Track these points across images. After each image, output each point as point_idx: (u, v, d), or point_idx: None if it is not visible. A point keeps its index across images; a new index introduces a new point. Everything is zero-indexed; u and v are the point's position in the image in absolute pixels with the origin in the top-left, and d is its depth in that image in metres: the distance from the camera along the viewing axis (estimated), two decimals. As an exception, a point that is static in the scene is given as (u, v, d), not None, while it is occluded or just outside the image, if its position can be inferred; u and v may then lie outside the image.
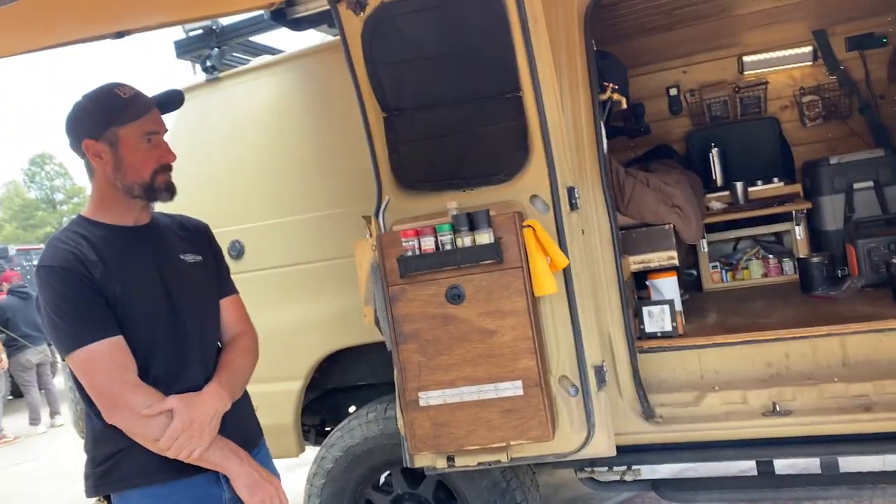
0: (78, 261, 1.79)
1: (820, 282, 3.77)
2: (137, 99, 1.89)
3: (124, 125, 1.85)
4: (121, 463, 1.82)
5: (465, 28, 2.64)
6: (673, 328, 3.16)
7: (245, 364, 2.06)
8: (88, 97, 1.91)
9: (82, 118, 1.89)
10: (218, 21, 3.61)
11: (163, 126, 1.95)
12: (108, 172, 1.88)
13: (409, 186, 2.80)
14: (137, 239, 1.93)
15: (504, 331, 2.56)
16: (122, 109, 1.85)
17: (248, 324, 2.16)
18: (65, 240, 1.83)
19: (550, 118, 2.65)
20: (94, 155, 1.87)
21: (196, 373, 1.93)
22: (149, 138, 1.89)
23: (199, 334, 1.98)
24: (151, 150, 1.89)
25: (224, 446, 1.86)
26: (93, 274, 1.79)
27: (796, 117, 5.08)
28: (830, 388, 2.84)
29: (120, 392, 1.76)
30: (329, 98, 3.38)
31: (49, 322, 1.80)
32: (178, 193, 1.96)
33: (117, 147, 1.86)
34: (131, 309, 1.83)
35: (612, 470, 3.08)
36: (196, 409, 1.81)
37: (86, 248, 1.81)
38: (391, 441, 3.17)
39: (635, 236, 3.44)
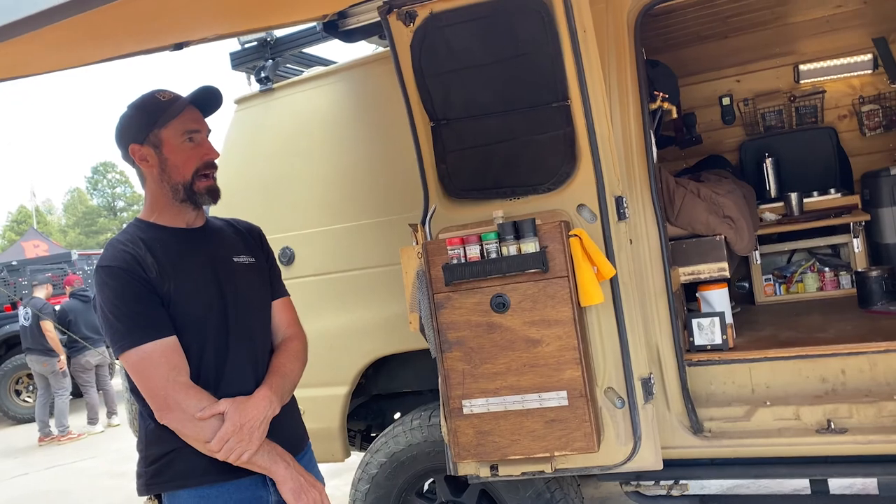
0: (135, 261, 1.83)
1: (879, 296, 3.65)
2: (175, 100, 1.94)
3: (165, 125, 1.90)
4: (172, 463, 1.86)
5: (513, 38, 2.65)
6: (723, 341, 3.09)
7: (295, 369, 2.09)
8: (131, 105, 1.97)
9: (127, 126, 1.95)
10: (272, 33, 3.70)
11: (204, 125, 1.99)
12: (156, 175, 1.93)
13: (455, 195, 2.82)
14: (192, 241, 1.98)
15: (549, 340, 2.55)
16: (162, 111, 1.90)
17: (298, 327, 2.19)
18: (123, 241, 1.89)
19: (598, 127, 2.64)
20: (141, 159, 1.93)
21: (247, 375, 1.97)
22: (190, 137, 1.93)
23: (251, 336, 2.01)
24: (194, 149, 1.94)
25: (272, 450, 1.89)
26: (149, 275, 1.83)
27: (855, 127, 4.94)
28: (890, 405, 2.74)
29: (173, 394, 1.80)
30: (378, 108, 3.43)
31: (105, 321, 1.85)
32: (234, 199, 2.00)
33: (161, 148, 1.91)
34: (185, 309, 1.87)
35: (658, 484, 3.02)
36: (247, 413, 1.84)
37: (142, 250, 1.86)
38: (435, 448, 3.19)
39: (685, 247, 3.38)
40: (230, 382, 1.92)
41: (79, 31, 1.90)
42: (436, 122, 2.80)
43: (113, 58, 2.44)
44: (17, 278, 12.39)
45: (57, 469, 7.99)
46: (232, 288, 1.98)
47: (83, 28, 1.88)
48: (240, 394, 1.89)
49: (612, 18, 2.92)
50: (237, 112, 3.82)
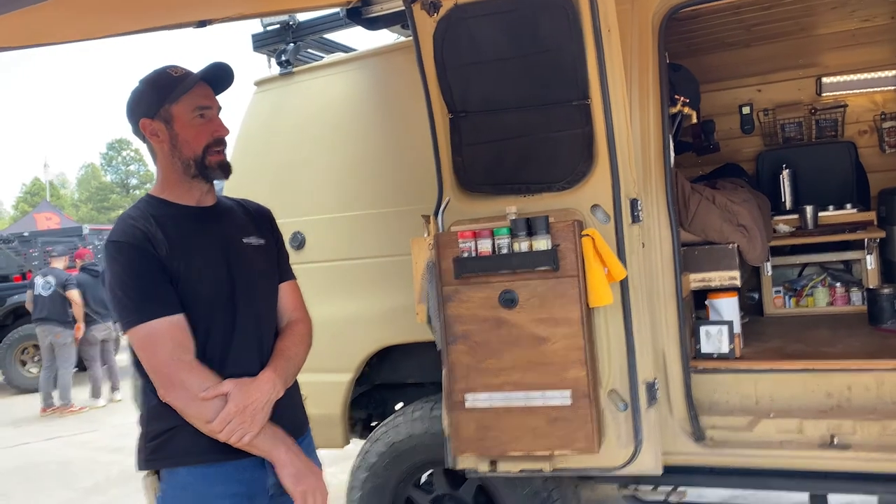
0: (145, 238, 1.83)
1: (890, 315, 3.62)
2: (188, 76, 1.94)
3: (176, 101, 1.90)
4: (173, 440, 1.86)
5: (536, 34, 2.63)
6: (730, 350, 3.08)
7: (300, 352, 2.09)
8: (143, 80, 1.96)
9: (139, 100, 1.94)
10: (295, 16, 3.69)
11: (215, 102, 1.98)
12: (167, 150, 1.93)
13: (469, 188, 2.81)
14: (203, 219, 1.98)
15: (556, 339, 2.54)
16: (174, 87, 1.90)
17: (304, 311, 2.19)
18: (134, 217, 1.88)
19: (618, 128, 2.62)
20: (152, 134, 1.92)
21: (252, 356, 1.96)
22: (201, 113, 1.93)
23: (257, 318, 2.01)
24: (205, 125, 1.93)
25: (273, 434, 1.89)
26: (159, 252, 1.83)
27: (875, 143, 4.89)
28: (894, 424, 2.72)
29: (177, 372, 1.80)
30: (397, 98, 3.43)
31: (113, 296, 1.85)
32: (248, 181, 2.00)
33: (172, 124, 1.91)
34: (193, 288, 1.87)
35: (656, 489, 3.02)
36: (250, 395, 1.84)
37: (153, 226, 1.85)
38: (435, 441, 3.18)
39: (697, 253, 3.37)
40: (235, 363, 1.92)
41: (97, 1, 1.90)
42: (454, 114, 2.79)
43: (134, 31, 2.45)
44: (29, 249, 12.48)
45: (57, 440, 8.05)
46: (240, 268, 1.98)
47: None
48: (244, 375, 1.89)
49: (636, 19, 2.90)
50: (256, 94, 3.82)
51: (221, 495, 1.87)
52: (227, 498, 1.88)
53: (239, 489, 1.89)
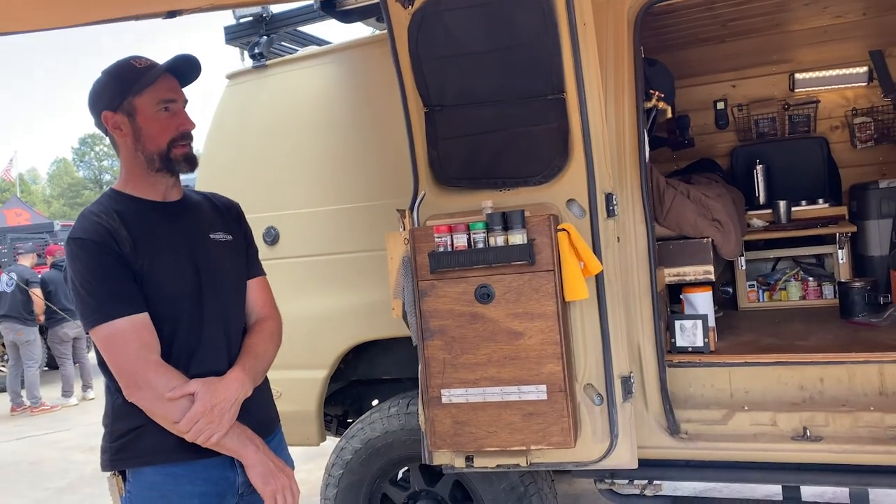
0: (108, 234, 1.78)
1: (861, 308, 3.67)
2: (152, 68, 1.88)
3: (140, 93, 1.84)
4: (138, 439, 1.82)
5: (512, 27, 2.62)
6: (704, 344, 3.10)
7: (269, 350, 2.06)
8: (106, 71, 1.90)
9: (101, 92, 1.88)
10: (268, 9, 3.64)
11: (181, 94, 1.93)
12: (129, 144, 1.88)
13: (445, 182, 2.79)
14: (168, 215, 1.93)
15: (531, 333, 2.54)
16: (137, 79, 1.84)
17: (273, 308, 2.15)
18: (97, 212, 1.83)
19: (593, 122, 2.62)
20: (114, 127, 1.87)
21: (219, 354, 1.93)
22: (166, 107, 1.87)
23: (225, 315, 1.97)
24: (170, 119, 1.88)
25: (242, 433, 1.86)
26: (122, 249, 1.78)
27: (846, 138, 4.96)
28: (865, 416, 2.76)
29: (143, 371, 1.76)
30: (372, 91, 3.40)
31: (76, 294, 1.80)
32: (220, 174, 1.95)
33: (135, 117, 1.85)
34: (158, 285, 1.83)
35: (632, 483, 3.03)
36: (218, 395, 1.81)
37: (116, 223, 1.80)
38: (411, 437, 3.17)
39: (672, 248, 3.38)
40: (202, 361, 1.88)
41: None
42: (429, 107, 2.77)
43: (103, 20, 2.39)
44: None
45: (28, 440, 7.91)
46: (207, 265, 1.94)
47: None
48: (212, 373, 1.86)
49: (612, 14, 2.90)
50: (228, 87, 3.76)
51: (189, 495, 1.84)
52: (196, 497, 1.84)
53: (207, 488, 1.86)
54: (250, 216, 2.24)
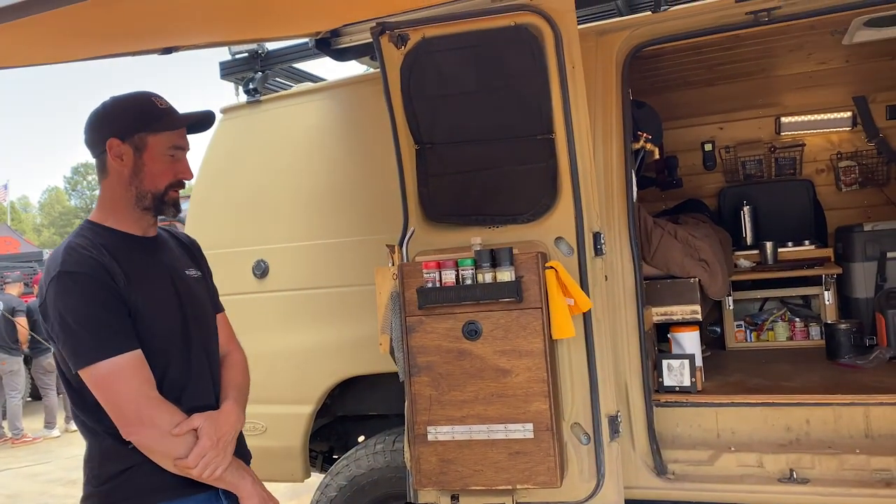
0: (102, 269, 1.76)
1: (847, 349, 3.68)
2: (172, 112, 1.90)
3: (156, 133, 1.85)
4: (130, 481, 1.79)
5: (502, 69, 2.67)
6: (692, 384, 3.10)
7: (246, 382, 2.08)
8: (123, 98, 1.91)
9: (113, 117, 1.87)
10: (264, 45, 3.70)
11: (188, 144, 1.96)
12: (125, 176, 1.86)
13: (435, 219, 2.81)
14: (150, 251, 1.92)
15: (518, 371, 2.54)
16: (158, 118, 1.86)
17: (236, 341, 2.17)
18: (85, 246, 1.79)
19: (581, 162, 2.66)
20: (116, 155, 1.85)
21: (207, 388, 1.93)
22: (173, 153, 1.89)
23: (208, 348, 1.98)
24: (173, 164, 1.89)
25: (239, 466, 1.86)
26: (117, 283, 1.76)
27: (832, 181, 5.04)
28: (851, 459, 2.76)
29: (146, 409, 1.73)
30: (364, 128, 3.44)
31: (65, 330, 1.72)
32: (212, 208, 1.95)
33: (142, 153, 1.85)
34: (150, 322, 1.81)
35: (619, 524, 3.00)
36: (221, 428, 1.81)
37: (106, 257, 1.78)
38: (397, 474, 3.14)
39: (659, 287, 3.40)
40: (192, 396, 1.87)
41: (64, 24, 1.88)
42: (420, 145, 2.81)
43: (99, 56, 2.42)
44: (-15, 274, 12.15)
45: (8, 472, 7.77)
46: (189, 300, 1.94)
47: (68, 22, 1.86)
48: (203, 407, 1.85)
49: (601, 57, 2.97)
50: (223, 121, 3.80)
51: None
52: None
53: None
54: (240, 249, 2.26)
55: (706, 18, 2.89)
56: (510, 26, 2.62)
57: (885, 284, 4.02)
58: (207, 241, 3.60)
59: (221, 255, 3.55)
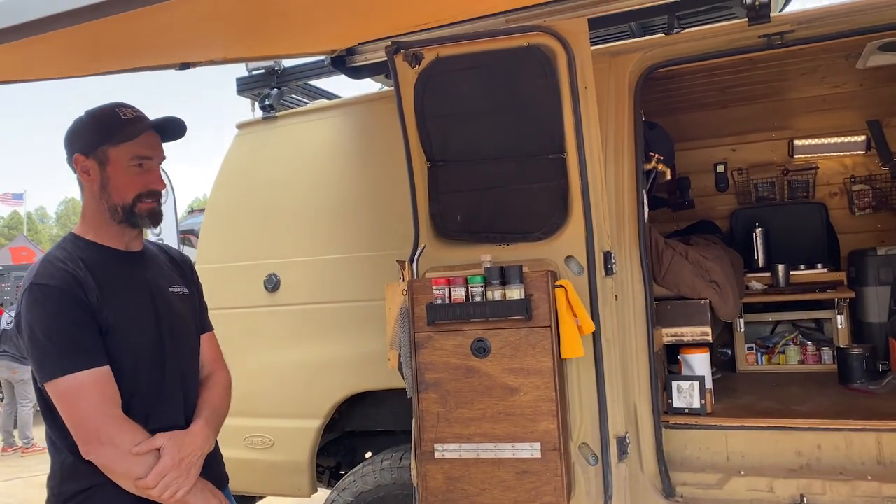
0: (75, 282, 1.73)
1: (859, 374, 3.65)
2: (136, 121, 1.86)
3: (116, 145, 1.83)
4: (90, 500, 1.76)
5: (515, 88, 2.69)
6: (701, 406, 3.08)
7: (224, 404, 2.04)
8: (89, 113, 1.89)
9: (78, 133, 1.87)
10: (280, 62, 3.75)
11: (159, 152, 1.91)
12: (95, 191, 1.85)
13: (445, 236, 2.83)
14: (131, 265, 1.90)
15: (527, 390, 2.53)
16: (118, 129, 1.83)
17: (222, 362, 2.14)
18: (62, 259, 1.78)
19: (592, 182, 2.66)
20: (83, 171, 1.85)
21: (177, 409, 1.90)
22: (140, 163, 1.86)
23: (184, 370, 1.95)
24: (140, 175, 1.86)
25: (204, 487, 1.82)
26: (89, 298, 1.73)
27: (845, 205, 5.01)
28: (863, 485, 2.72)
29: (106, 427, 1.69)
30: (377, 145, 3.47)
31: (32, 342, 1.72)
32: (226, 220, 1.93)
33: (106, 166, 1.84)
34: (122, 338, 1.78)
35: (626, 547, 2.97)
36: (185, 448, 1.77)
37: (82, 271, 1.76)
38: (403, 491, 3.13)
39: (670, 308, 3.39)
40: (161, 416, 1.84)
41: (83, 40, 1.92)
42: (433, 162, 2.83)
43: (118, 71, 2.47)
44: (2, 284, 12.29)
45: (17, 481, 7.79)
46: (168, 318, 1.91)
47: (87, 37, 1.89)
48: (170, 427, 1.82)
49: (614, 78, 2.98)
50: (238, 136, 3.84)
51: None
52: None
53: None
54: (253, 262, 2.27)
55: (719, 41, 2.91)
56: (523, 47, 2.65)
57: (898, 309, 3.99)
58: (221, 254, 3.67)
59: (234, 268, 3.59)
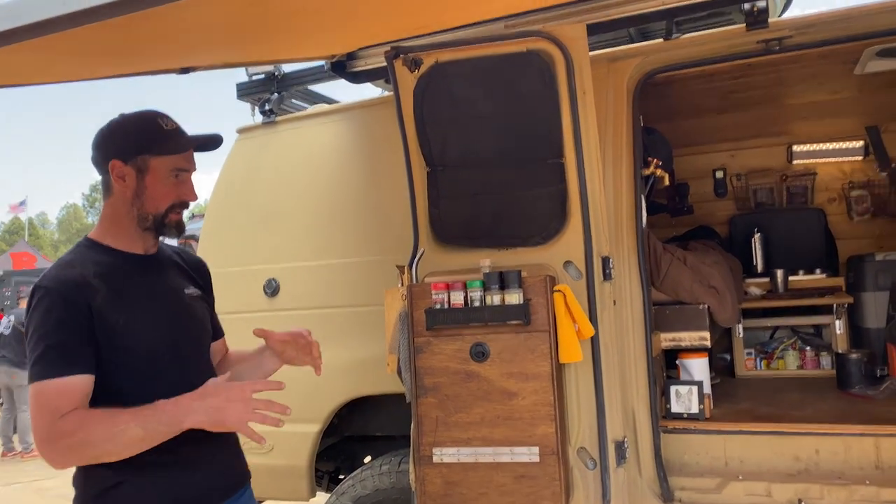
0: (76, 287, 1.72)
1: (857, 379, 3.65)
2: (178, 134, 1.87)
3: (159, 156, 1.83)
4: (116, 501, 1.75)
5: (514, 93, 2.71)
6: (700, 411, 3.08)
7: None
8: (128, 118, 1.89)
9: (116, 138, 1.86)
10: (280, 67, 3.76)
11: (194, 166, 1.92)
12: (128, 197, 1.84)
13: (444, 240, 2.83)
14: (147, 269, 1.90)
15: (525, 394, 2.54)
16: (161, 141, 1.83)
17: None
18: (72, 262, 1.78)
19: (591, 187, 2.68)
20: (118, 177, 1.83)
21: None
22: (177, 174, 1.86)
23: (198, 371, 1.93)
24: (176, 186, 1.87)
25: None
26: (91, 303, 1.72)
27: (843, 210, 5.02)
28: (861, 490, 2.72)
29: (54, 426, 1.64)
30: (376, 150, 3.48)
31: (28, 343, 1.73)
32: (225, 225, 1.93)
33: (144, 175, 1.83)
34: (134, 340, 1.77)
35: (624, 552, 2.97)
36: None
37: (91, 274, 1.75)
38: (402, 496, 3.13)
39: (668, 313, 3.40)
40: None
41: (82, 44, 1.92)
42: (432, 167, 2.84)
43: (117, 75, 2.48)
44: (2, 289, 12.29)
45: (16, 486, 7.78)
46: (183, 322, 1.91)
47: (86, 41, 1.89)
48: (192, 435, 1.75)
49: (612, 83, 3.00)
50: (238, 140, 3.86)
51: None
52: None
53: None
54: (253, 267, 2.27)
55: (717, 46, 2.92)
56: (522, 52, 2.66)
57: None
58: (220, 259, 3.67)
59: (233, 273, 3.59)
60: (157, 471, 1.76)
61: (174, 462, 1.77)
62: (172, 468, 1.77)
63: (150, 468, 1.75)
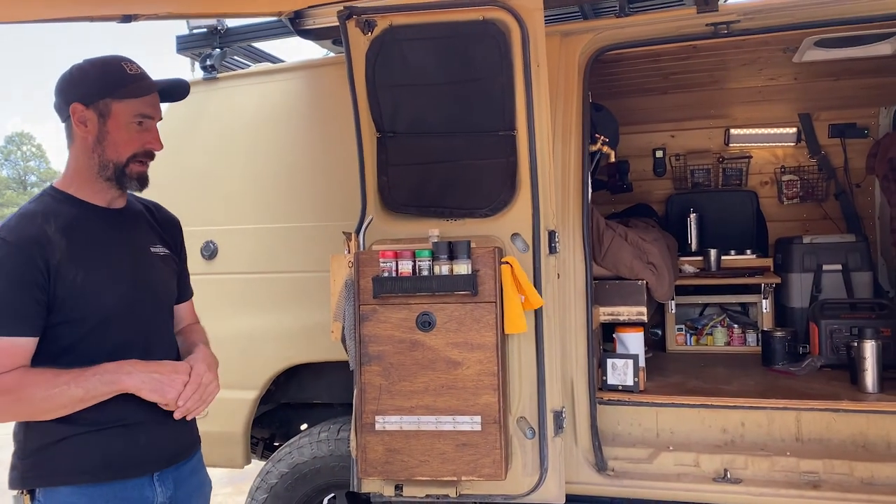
0: (36, 242, 1.67)
1: (781, 356, 3.82)
2: (142, 78, 1.81)
3: (121, 100, 1.77)
4: (55, 456, 1.72)
5: (468, 62, 2.67)
6: (634, 383, 3.18)
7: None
8: (91, 62, 1.82)
9: (79, 81, 1.80)
10: (223, 22, 3.61)
11: (159, 113, 1.87)
12: (89, 142, 1.79)
13: (393, 208, 2.80)
14: (111, 224, 1.84)
15: (470, 364, 2.55)
16: (124, 84, 1.78)
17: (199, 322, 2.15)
18: (35, 212, 1.73)
19: (541, 161, 2.68)
20: (80, 121, 1.77)
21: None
22: (140, 121, 1.81)
23: (159, 330, 1.91)
24: (140, 133, 1.81)
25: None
26: (49, 257, 1.67)
27: (774, 194, 5.21)
28: (782, 461, 2.87)
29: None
30: (323, 113, 3.39)
31: None
32: (162, 184, 1.89)
33: (106, 119, 1.78)
34: (93, 297, 1.73)
35: (558, 518, 3.05)
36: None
37: (52, 228, 1.70)
38: (340, 463, 3.13)
39: (608, 287, 3.47)
40: None
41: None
42: (382, 133, 2.79)
43: (55, 19, 2.33)
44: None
45: None
46: (145, 280, 1.87)
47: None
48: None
49: (564, 58, 3.00)
50: (176, 97, 3.69)
51: None
52: None
53: None
54: (189, 228, 2.20)
55: (667, 27, 2.95)
56: (478, 20, 2.63)
57: (819, 295, 4.19)
58: (155, 218, 3.53)
59: (169, 233, 3.47)
60: (101, 430, 1.73)
61: (120, 423, 1.75)
62: (117, 428, 1.75)
63: (94, 427, 1.72)
